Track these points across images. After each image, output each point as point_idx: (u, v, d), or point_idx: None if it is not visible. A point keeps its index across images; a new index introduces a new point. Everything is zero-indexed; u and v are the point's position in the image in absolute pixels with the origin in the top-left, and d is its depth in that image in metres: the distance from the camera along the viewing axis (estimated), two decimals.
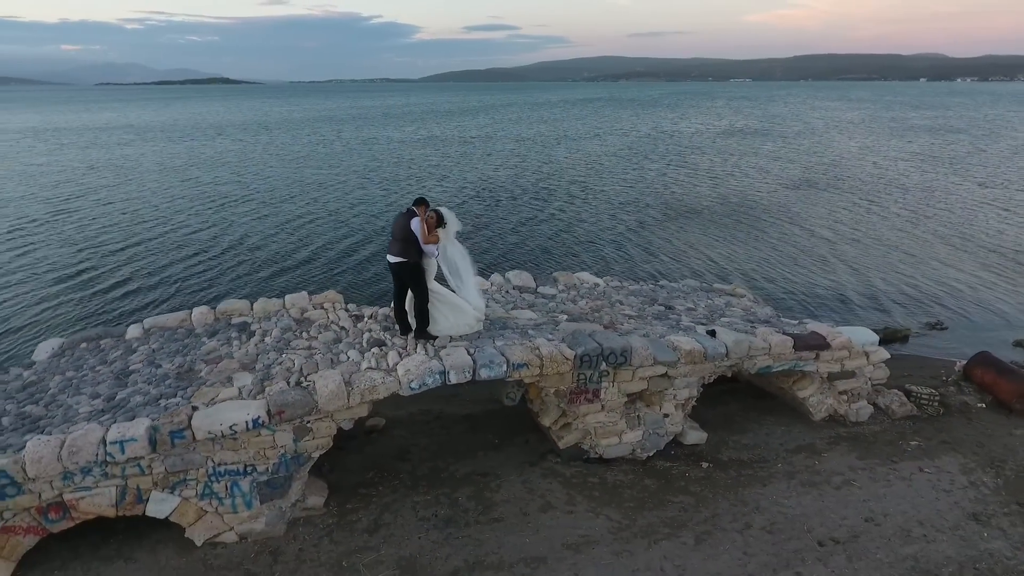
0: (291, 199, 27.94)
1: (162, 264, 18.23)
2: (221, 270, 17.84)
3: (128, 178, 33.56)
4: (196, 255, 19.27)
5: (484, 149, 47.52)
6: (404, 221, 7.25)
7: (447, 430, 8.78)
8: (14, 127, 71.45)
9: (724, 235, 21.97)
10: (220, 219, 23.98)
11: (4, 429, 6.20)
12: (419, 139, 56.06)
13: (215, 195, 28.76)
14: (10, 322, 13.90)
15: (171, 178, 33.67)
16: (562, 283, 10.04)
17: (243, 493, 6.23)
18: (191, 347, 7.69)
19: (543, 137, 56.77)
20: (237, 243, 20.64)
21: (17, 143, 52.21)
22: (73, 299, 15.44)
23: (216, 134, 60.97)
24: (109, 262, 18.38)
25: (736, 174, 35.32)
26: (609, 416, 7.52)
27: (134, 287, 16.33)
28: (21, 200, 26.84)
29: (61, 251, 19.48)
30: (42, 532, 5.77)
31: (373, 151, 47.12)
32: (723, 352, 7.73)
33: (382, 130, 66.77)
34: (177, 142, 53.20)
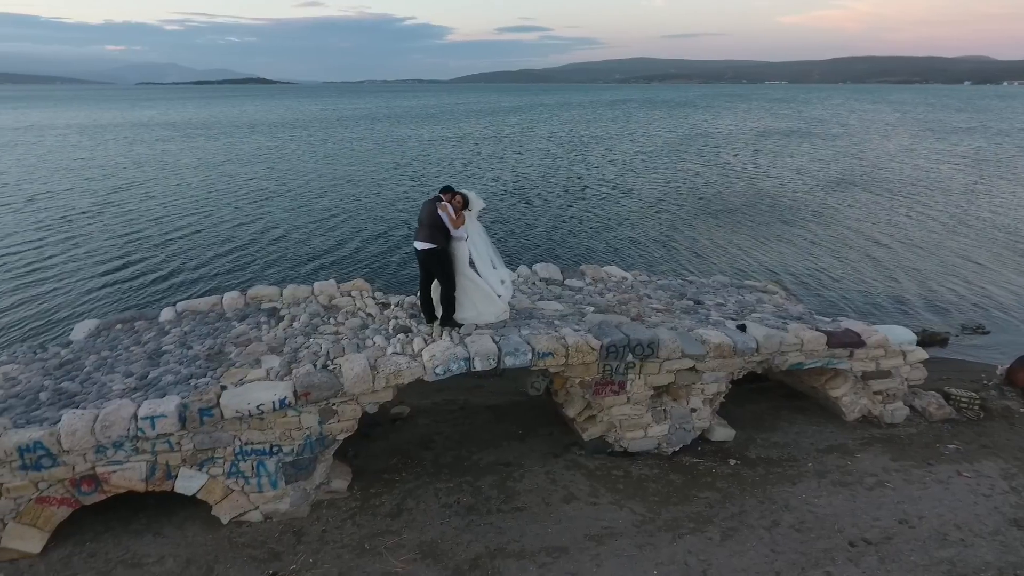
0: (323, 194, 28.42)
1: (196, 252, 18.77)
2: (253, 258, 18.31)
3: (168, 172, 34.54)
4: (229, 244, 19.83)
5: (515, 148, 47.60)
6: (431, 208, 7.26)
7: (471, 420, 8.78)
8: (61, 123, 73.93)
9: (757, 234, 21.62)
10: (254, 211, 24.59)
11: (42, 404, 6.38)
12: (450, 137, 56.42)
13: (250, 189, 29.45)
14: (52, 304, 14.49)
15: (209, 173, 34.56)
16: (589, 276, 9.96)
17: (269, 473, 6.30)
18: (221, 330, 7.82)
19: (574, 137, 56.64)
20: (269, 234, 21.15)
21: (64, 139, 54.01)
22: (111, 283, 16.04)
23: (252, 131, 62.31)
24: (147, 250, 19.02)
25: (771, 174, 34.77)
26: (635, 409, 7.42)
27: (169, 273, 16.90)
28: (68, 192, 27.81)
29: (103, 239, 20.19)
30: (75, 504, 5.91)
31: (405, 149, 47.57)
32: (753, 347, 7.57)
33: (413, 128, 67.41)
34: (215, 139, 54.50)
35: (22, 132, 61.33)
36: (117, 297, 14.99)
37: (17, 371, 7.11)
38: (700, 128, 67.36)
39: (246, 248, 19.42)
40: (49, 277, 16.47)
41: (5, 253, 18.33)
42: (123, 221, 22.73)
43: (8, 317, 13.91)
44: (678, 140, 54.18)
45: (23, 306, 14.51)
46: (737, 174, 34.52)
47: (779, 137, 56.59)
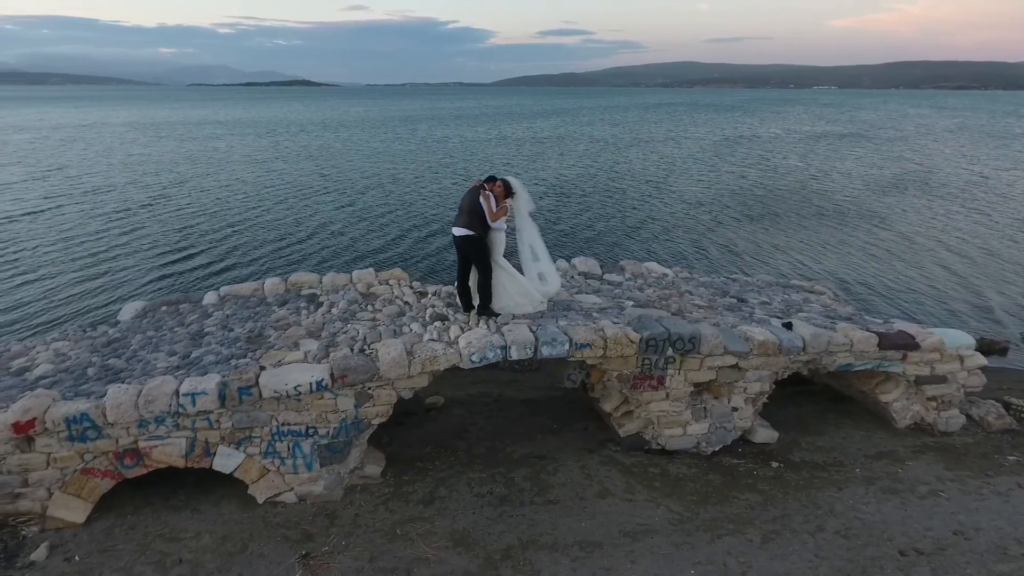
0: (366, 190, 28.91)
1: (242, 242, 19.44)
2: (295, 249, 18.88)
3: (218, 168, 35.68)
4: (273, 235, 20.48)
5: (556, 149, 47.54)
6: (474, 195, 7.21)
7: (505, 412, 8.70)
8: (117, 122, 76.90)
9: (805, 236, 21.06)
10: (298, 205, 25.27)
11: (89, 379, 6.56)
12: (492, 138, 56.64)
13: (296, 184, 30.20)
14: (104, 286, 15.16)
15: (257, 169, 35.57)
16: (629, 271, 9.78)
17: (304, 455, 6.33)
18: (262, 314, 7.93)
19: (616, 139, 56.21)
20: (312, 226, 21.73)
21: (121, 136, 56.22)
22: (160, 269, 16.73)
23: (299, 131, 63.73)
24: (195, 239, 19.76)
25: (821, 177, 33.89)
26: (673, 405, 7.22)
27: (214, 260, 17.54)
28: (126, 185, 28.95)
29: (156, 228, 21.07)
30: (118, 477, 6.04)
31: (447, 148, 48.01)
32: (799, 345, 7.30)
33: (455, 129, 67.94)
34: (263, 137, 55.98)
35: (83, 129, 64.03)
36: (165, 281, 15.67)
37: (67, 348, 7.34)
38: (746, 131, 66.12)
39: (289, 239, 20.02)
40: (105, 262, 17.28)
41: (69, 240, 19.21)
42: (175, 212, 23.62)
43: (65, 298, 14.61)
44: (723, 143, 53.23)
45: (79, 288, 15.23)
46: (785, 176, 33.73)
47: (830, 141, 55.13)
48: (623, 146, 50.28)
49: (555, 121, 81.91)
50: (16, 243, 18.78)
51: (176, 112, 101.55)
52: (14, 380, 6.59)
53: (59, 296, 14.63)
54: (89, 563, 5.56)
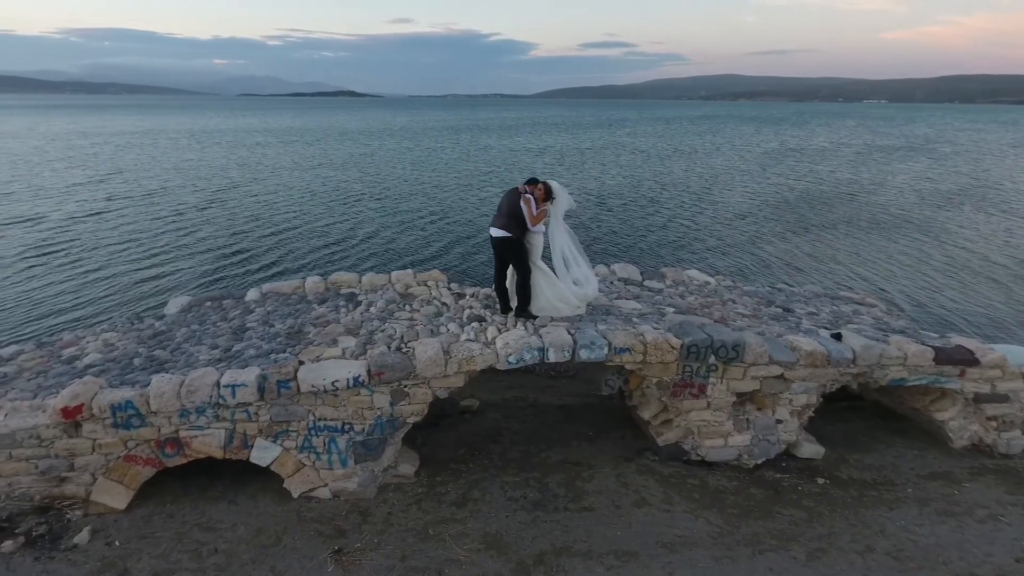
0: (408, 196, 29.41)
1: (286, 242, 20.08)
2: (336, 250, 19.44)
3: (267, 173, 36.83)
4: (316, 237, 21.06)
5: (598, 159, 47.46)
6: (513, 197, 7.17)
7: (541, 418, 8.58)
8: (171, 129, 79.89)
9: (856, 248, 20.48)
10: (342, 209, 25.95)
11: (135, 369, 6.71)
12: (534, 148, 56.85)
13: (340, 190, 30.96)
14: (156, 283, 15.81)
15: (303, 174, 36.65)
16: (670, 278, 9.58)
17: (339, 451, 6.34)
18: (302, 311, 8.01)
19: (659, 150, 55.77)
20: (354, 229, 22.28)
21: (175, 143, 58.41)
22: (207, 266, 17.36)
23: (343, 139, 65.22)
24: (242, 239, 20.49)
25: (872, 189, 33.02)
26: (715, 415, 7.00)
27: (259, 260, 18.18)
28: (180, 189, 30.05)
29: (206, 229, 21.89)
30: (159, 465, 6.14)
31: (488, 157, 48.39)
32: (849, 357, 7.00)
33: (496, 139, 68.46)
34: (309, 145, 57.49)
35: (138, 136, 66.78)
36: (212, 277, 16.33)
37: (116, 338, 7.54)
38: (793, 144, 64.89)
39: (331, 241, 20.60)
40: (158, 261, 18.06)
41: (126, 239, 20.08)
42: (224, 215, 24.48)
43: (121, 293, 15.29)
44: (769, 155, 52.31)
45: (134, 284, 15.95)
46: (834, 188, 32.95)
47: (882, 154, 53.64)
48: (666, 157, 49.88)
49: (597, 132, 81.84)
50: (79, 241, 19.67)
51: (227, 120, 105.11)
52: (65, 368, 6.80)
53: (116, 292, 15.33)
54: (128, 548, 5.65)
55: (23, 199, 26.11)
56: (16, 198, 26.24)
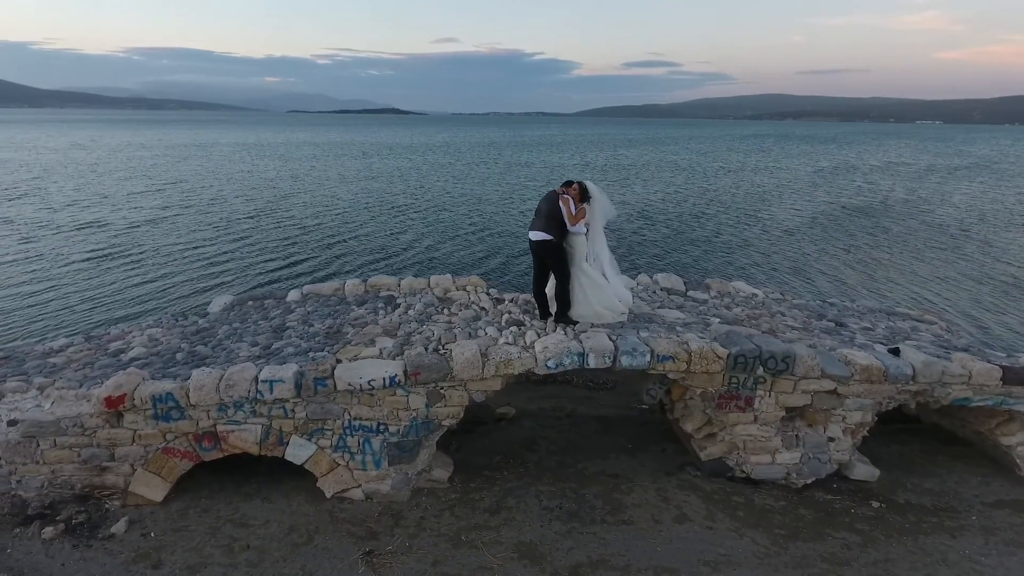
0: (451, 207, 29.95)
1: (328, 248, 20.70)
2: (378, 255, 19.97)
3: (313, 185, 37.90)
4: (360, 243, 21.65)
5: (642, 176, 47.29)
6: (552, 199, 7.04)
7: (578, 428, 8.37)
8: (226, 142, 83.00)
9: (912, 266, 19.81)
10: (385, 218, 26.57)
11: (177, 363, 6.79)
12: (576, 164, 56.95)
13: (383, 200, 31.77)
14: (203, 283, 16.30)
15: (349, 186, 37.82)
16: (715, 289, 9.28)
17: (373, 452, 6.26)
18: (341, 312, 8.02)
19: (704, 168, 55.16)
20: (396, 237, 22.80)
21: (231, 155, 60.90)
22: (252, 267, 17.96)
23: (389, 154, 66.71)
24: (288, 244, 21.21)
25: (930, 208, 32.12)
26: (762, 430, 6.68)
27: (303, 264, 18.72)
28: (232, 198, 31.16)
29: (256, 236, 22.60)
30: (196, 459, 6.17)
31: (531, 172, 48.71)
32: (908, 374, 6.61)
33: (539, 155, 68.91)
34: (355, 159, 58.93)
35: (195, 148, 69.66)
36: (258, 279, 16.87)
37: (160, 334, 7.67)
38: (844, 162, 63.49)
39: (373, 247, 21.19)
40: (208, 262, 18.75)
41: (181, 244, 20.87)
42: (272, 221, 25.44)
43: (170, 291, 15.88)
44: (819, 173, 51.28)
45: (187, 286, 16.52)
46: (889, 206, 32.06)
47: (939, 173, 51.99)
48: (711, 174, 49.36)
49: (640, 149, 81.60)
50: (139, 246, 20.56)
51: (276, 135, 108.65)
52: (110, 360, 6.93)
53: (169, 292, 15.98)
54: (163, 540, 5.66)
55: (90, 206, 27.63)
56: (83, 205, 27.76)
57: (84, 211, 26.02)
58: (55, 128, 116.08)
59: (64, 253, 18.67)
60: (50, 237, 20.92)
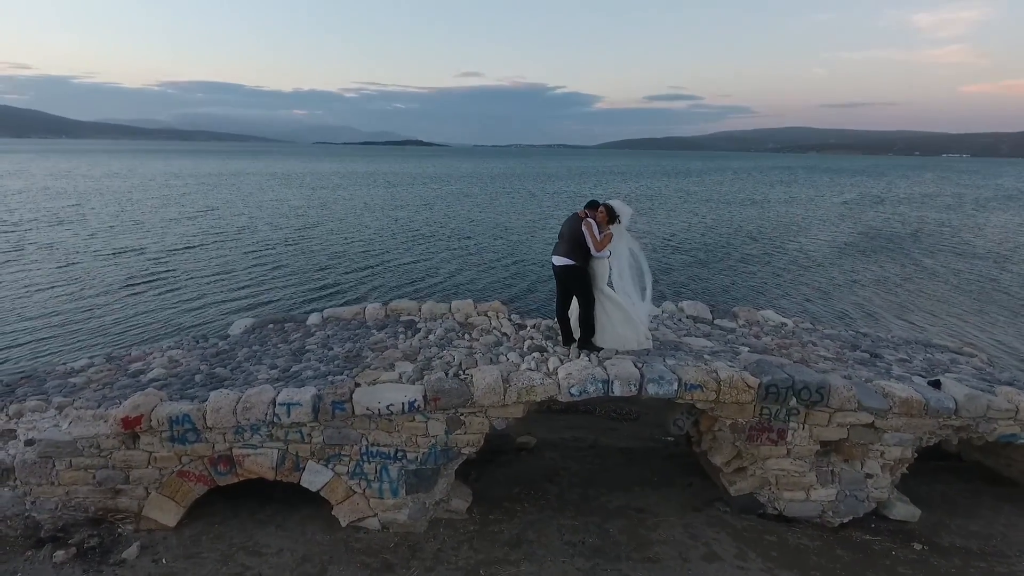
0: (474, 235, 30.32)
1: (351, 272, 20.95)
2: (401, 281, 20.04)
3: (340, 213, 38.79)
4: (382, 269, 21.84)
5: (666, 205, 47.48)
6: (575, 223, 6.92)
7: (601, 460, 8.10)
8: (254, 171, 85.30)
9: (949, 297, 19.32)
10: (409, 245, 26.87)
11: (196, 384, 6.72)
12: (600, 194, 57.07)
13: (409, 228, 32.32)
14: (229, 305, 16.53)
15: (375, 214, 38.54)
16: (743, 318, 9.03)
17: (391, 479, 6.09)
18: (361, 336, 7.93)
19: (728, 198, 55.03)
20: (420, 263, 23.00)
21: (261, 183, 62.64)
22: (277, 290, 18.28)
23: (412, 184, 67.83)
24: (313, 269, 21.48)
25: (964, 239, 31.44)
26: (796, 464, 6.38)
27: (326, 287, 19.02)
28: (264, 226, 31.69)
29: (281, 260, 22.99)
30: (210, 483, 6.04)
31: (555, 201, 49.16)
32: (950, 408, 6.29)
33: (563, 185, 69.56)
34: (381, 188, 59.97)
35: (225, 177, 71.63)
36: (280, 303, 16.99)
37: (180, 356, 7.63)
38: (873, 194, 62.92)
39: (396, 272, 21.33)
40: (238, 285, 19.07)
41: (217, 270, 21.12)
42: (298, 247, 25.90)
43: (197, 313, 16.05)
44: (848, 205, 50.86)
45: (209, 304, 16.78)
46: (920, 238, 31.56)
47: (972, 205, 51.22)
48: (736, 204, 49.25)
49: (664, 180, 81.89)
50: (172, 271, 20.85)
51: (305, 165, 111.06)
52: (129, 380, 6.89)
53: (201, 314, 16.10)
54: (174, 567, 5.51)
55: (127, 232, 28.40)
56: (120, 231, 28.57)
57: (119, 237, 26.66)
58: (92, 158, 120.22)
59: (99, 277, 19.02)
60: (87, 262, 21.37)
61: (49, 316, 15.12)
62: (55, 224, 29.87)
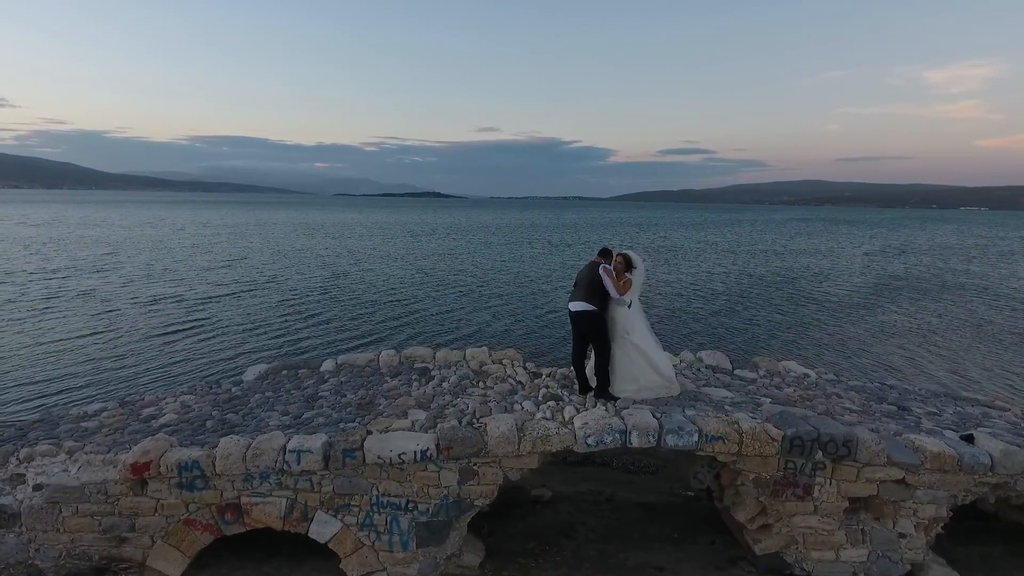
0: (490, 283, 30.45)
1: (384, 321, 21.10)
2: (418, 328, 20.08)
3: (368, 261, 39.63)
4: (403, 313, 22.22)
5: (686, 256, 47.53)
6: (591, 269, 6.89)
7: (619, 514, 7.81)
8: (277, 221, 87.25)
9: (981, 348, 18.84)
10: (433, 292, 27.29)
11: (207, 431, 6.65)
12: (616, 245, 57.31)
13: (428, 276, 32.85)
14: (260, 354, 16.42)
15: (395, 262, 39.18)
16: (763, 368, 8.82)
17: (401, 531, 5.90)
18: (374, 383, 7.85)
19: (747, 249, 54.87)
20: (446, 312, 23.12)
21: (285, 234, 64.10)
22: (308, 339, 18.40)
23: (432, 234, 68.78)
24: (345, 317, 21.70)
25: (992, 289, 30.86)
26: (823, 522, 6.08)
27: (343, 331, 19.27)
28: (297, 276, 32.01)
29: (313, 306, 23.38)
30: (217, 532, 5.90)
31: (573, 251, 49.56)
32: (986, 463, 6.00)
33: (580, 235, 69.93)
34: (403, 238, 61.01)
35: (253, 227, 74.01)
36: (298, 346, 17.19)
37: (193, 401, 7.59)
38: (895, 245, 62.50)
39: (416, 319, 21.49)
40: (260, 330, 19.33)
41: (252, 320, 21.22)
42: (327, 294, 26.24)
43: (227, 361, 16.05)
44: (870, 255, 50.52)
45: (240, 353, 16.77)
46: (945, 288, 31.07)
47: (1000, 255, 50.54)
48: (757, 254, 49.30)
49: (682, 232, 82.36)
50: (209, 318, 21.03)
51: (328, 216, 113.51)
52: (140, 426, 6.84)
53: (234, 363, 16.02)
54: None
55: (161, 279, 29.14)
56: (154, 279, 29.33)
57: (153, 285, 27.26)
58: (122, 208, 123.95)
59: (132, 324, 19.20)
60: (123, 309, 21.66)
61: (82, 363, 15.23)
62: (92, 272, 30.81)
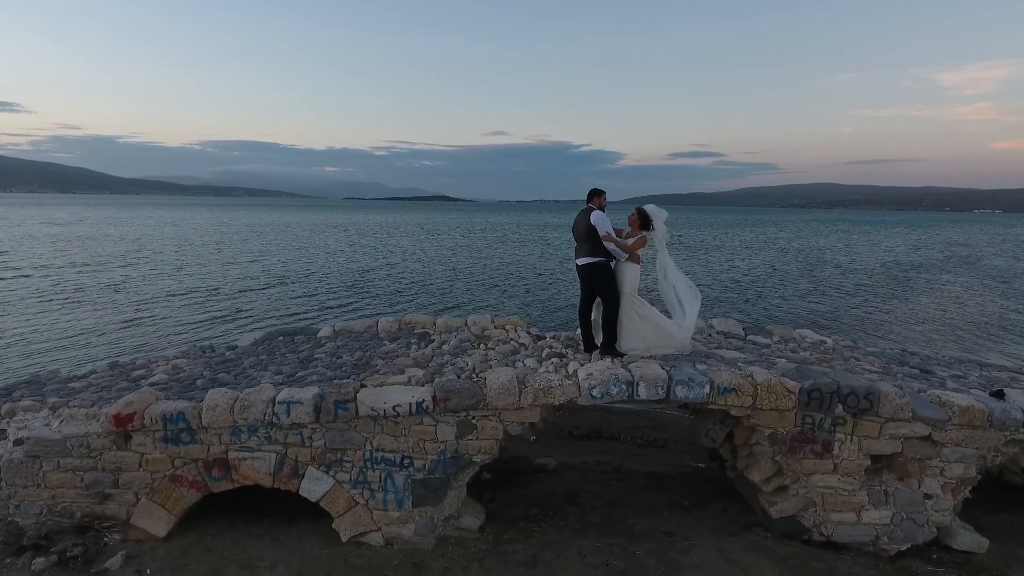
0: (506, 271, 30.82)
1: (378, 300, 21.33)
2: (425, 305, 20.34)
3: (393, 256, 40.24)
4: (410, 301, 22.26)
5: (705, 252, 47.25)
6: (584, 219, 6.54)
7: (626, 483, 7.48)
8: (291, 221, 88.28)
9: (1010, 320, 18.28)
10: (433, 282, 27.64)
11: (196, 388, 6.40)
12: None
13: (439, 269, 32.96)
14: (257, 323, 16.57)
15: (407, 258, 39.59)
16: (777, 335, 8.44)
17: (396, 489, 5.60)
18: (372, 347, 7.58)
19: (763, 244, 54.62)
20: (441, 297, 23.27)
21: (299, 232, 65.02)
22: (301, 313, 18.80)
23: (442, 232, 69.30)
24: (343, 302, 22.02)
25: None
26: (844, 481, 5.73)
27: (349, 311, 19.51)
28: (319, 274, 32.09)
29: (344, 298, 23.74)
30: (204, 489, 5.63)
31: None
32: (1018, 419, 5.63)
33: None
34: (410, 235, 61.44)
35: (269, 226, 75.58)
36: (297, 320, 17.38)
37: (185, 364, 7.35)
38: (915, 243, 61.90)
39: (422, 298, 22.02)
40: None
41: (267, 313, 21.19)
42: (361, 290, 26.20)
43: None
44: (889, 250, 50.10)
45: None
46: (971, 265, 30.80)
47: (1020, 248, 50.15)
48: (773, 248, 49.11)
49: (697, 230, 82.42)
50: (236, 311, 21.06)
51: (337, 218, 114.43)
52: (129, 384, 6.61)
53: None
54: None
55: (190, 273, 29.66)
56: (187, 272, 29.92)
57: (189, 278, 27.81)
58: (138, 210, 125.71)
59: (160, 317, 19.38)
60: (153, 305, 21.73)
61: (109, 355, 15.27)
62: (124, 265, 31.56)
